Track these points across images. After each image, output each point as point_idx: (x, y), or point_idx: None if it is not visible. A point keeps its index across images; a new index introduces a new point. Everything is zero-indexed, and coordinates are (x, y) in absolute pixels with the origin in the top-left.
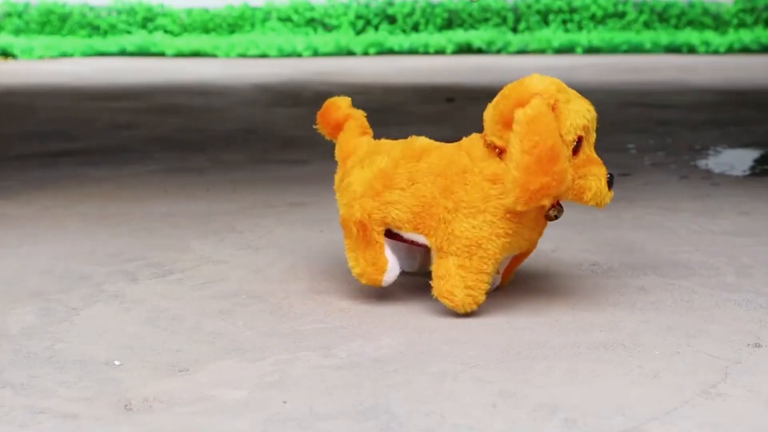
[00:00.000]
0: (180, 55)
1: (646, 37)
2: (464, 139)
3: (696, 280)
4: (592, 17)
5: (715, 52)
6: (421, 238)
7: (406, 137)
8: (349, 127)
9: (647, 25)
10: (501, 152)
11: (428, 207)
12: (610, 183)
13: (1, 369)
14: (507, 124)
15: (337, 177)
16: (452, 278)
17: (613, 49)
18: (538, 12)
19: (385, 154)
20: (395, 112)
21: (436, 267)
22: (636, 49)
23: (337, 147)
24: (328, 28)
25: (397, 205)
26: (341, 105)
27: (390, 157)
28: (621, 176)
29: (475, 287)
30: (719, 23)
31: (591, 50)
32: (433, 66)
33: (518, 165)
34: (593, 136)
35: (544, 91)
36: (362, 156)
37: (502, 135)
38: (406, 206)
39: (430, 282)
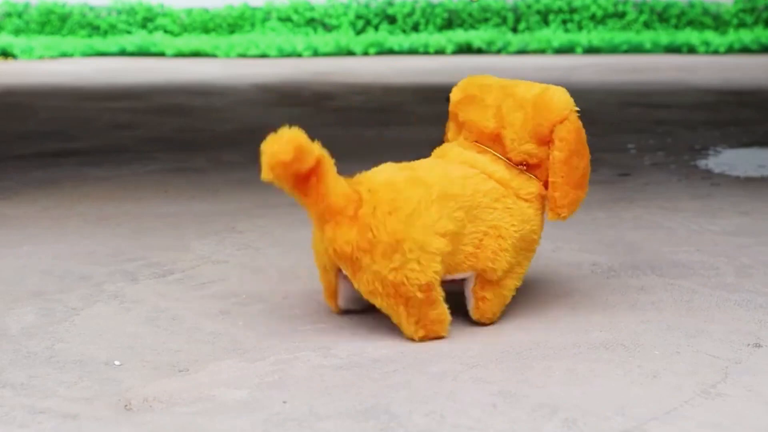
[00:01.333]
0: (180, 55)
1: (646, 37)
2: (457, 153)
3: (696, 280)
4: (592, 17)
5: (715, 52)
6: (465, 275)
7: (405, 137)
8: (328, 171)
9: (647, 25)
10: (529, 168)
11: (479, 243)
12: None
13: (1, 369)
14: (542, 140)
15: (345, 237)
16: (498, 299)
17: (613, 49)
18: (538, 12)
19: (443, 210)
20: (395, 112)
21: (481, 289)
22: (636, 49)
23: (321, 199)
24: (328, 28)
25: (455, 253)
26: (308, 145)
27: (451, 218)
28: (621, 176)
29: (508, 300)
30: (719, 23)
31: (591, 50)
32: (433, 66)
33: (576, 183)
34: None
35: (573, 105)
36: (390, 206)
37: (537, 152)
38: (462, 252)
39: (474, 303)
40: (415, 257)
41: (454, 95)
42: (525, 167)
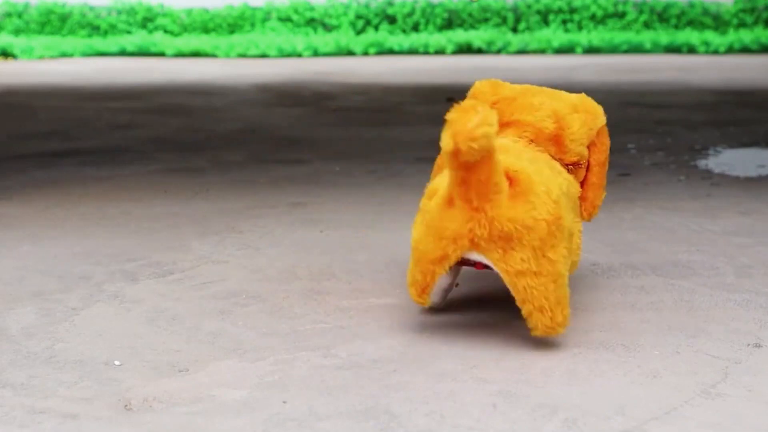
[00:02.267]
0: (180, 55)
1: (646, 37)
2: (522, 150)
3: (696, 280)
4: (592, 17)
5: (715, 52)
6: None
7: (405, 137)
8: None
9: (647, 25)
10: (574, 169)
11: (577, 233)
12: None
13: (1, 369)
14: (589, 143)
15: (508, 215)
16: None
17: (613, 49)
18: (538, 12)
19: (567, 203)
20: (395, 112)
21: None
22: (636, 49)
23: (492, 174)
24: (328, 28)
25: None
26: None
27: (571, 209)
28: (621, 176)
29: None
30: (719, 23)
31: (591, 50)
32: (433, 66)
33: (604, 184)
34: None
35: None
36: (544, 186)
37: (586, 154)
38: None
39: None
40: (567, 236)
41: (487, 94)
42: (573, 168)
